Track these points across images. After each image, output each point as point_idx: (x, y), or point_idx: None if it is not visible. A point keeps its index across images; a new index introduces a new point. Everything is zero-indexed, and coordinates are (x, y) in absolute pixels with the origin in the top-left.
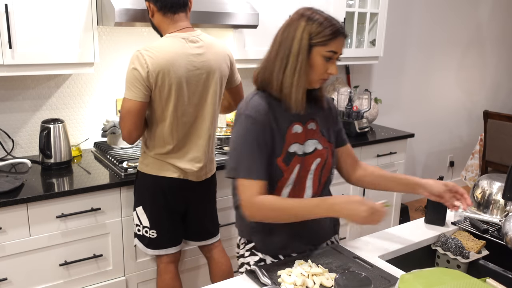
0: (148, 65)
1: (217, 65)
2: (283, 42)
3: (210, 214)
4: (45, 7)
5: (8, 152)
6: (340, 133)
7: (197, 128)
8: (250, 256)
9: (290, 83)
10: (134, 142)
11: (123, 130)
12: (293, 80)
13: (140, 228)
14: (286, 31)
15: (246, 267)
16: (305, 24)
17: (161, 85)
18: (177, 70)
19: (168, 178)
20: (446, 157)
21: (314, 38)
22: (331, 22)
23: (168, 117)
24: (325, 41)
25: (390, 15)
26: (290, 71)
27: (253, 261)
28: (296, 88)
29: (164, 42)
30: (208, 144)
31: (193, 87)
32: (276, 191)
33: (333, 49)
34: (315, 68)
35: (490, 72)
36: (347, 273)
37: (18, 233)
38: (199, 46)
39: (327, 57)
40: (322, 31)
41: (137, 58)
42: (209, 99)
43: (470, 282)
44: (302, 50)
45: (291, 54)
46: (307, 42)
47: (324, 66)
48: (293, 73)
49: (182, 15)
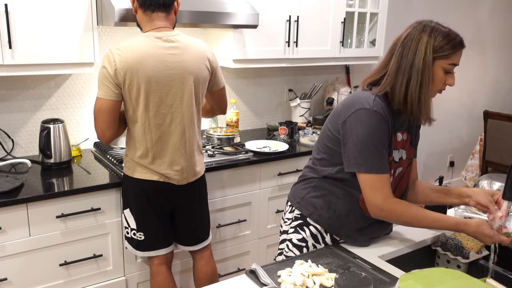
0: (116, 63)
1: (193, 66)
2: (404, 54)
3: (199, 217)
4: (45, 7)
5: (8, 152)
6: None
7: (172, 130)
8: (294, 233)
9: (417, 98)
10: (109, 141)
11: (96, 130)
12: (420, 96)
13: (129, 231)
14: (407, 43)
15: (287, 243)
16: (427, 38)
17: (129, 84)
18: (146, 69)
19: (150, 181)
20: (446, 157)
21: (437, 52)
22: (453, 34)
23: (139, 117)
24: (448, 55)
25: (390, 15)
26: (415, 87)
27: (295, 239)
28: (425, 104)
29: (136, 41)
30: (185, 147)
31: (166, 87)
32: None
33: (455, 62)
34: (436, 81)
35: (490, 72)
36: (347, 273)
37: (18, 233)
38: (174, 46)
39: (447, 70)
40: (445, 45)
41: (107, 57)
42: (185, 101)
43: (470, 282)
44: (428, 65)
45: (415, 69)
46: (431, 57)
47: (443, 78)
48: (420, 89)
49: (161, 15)
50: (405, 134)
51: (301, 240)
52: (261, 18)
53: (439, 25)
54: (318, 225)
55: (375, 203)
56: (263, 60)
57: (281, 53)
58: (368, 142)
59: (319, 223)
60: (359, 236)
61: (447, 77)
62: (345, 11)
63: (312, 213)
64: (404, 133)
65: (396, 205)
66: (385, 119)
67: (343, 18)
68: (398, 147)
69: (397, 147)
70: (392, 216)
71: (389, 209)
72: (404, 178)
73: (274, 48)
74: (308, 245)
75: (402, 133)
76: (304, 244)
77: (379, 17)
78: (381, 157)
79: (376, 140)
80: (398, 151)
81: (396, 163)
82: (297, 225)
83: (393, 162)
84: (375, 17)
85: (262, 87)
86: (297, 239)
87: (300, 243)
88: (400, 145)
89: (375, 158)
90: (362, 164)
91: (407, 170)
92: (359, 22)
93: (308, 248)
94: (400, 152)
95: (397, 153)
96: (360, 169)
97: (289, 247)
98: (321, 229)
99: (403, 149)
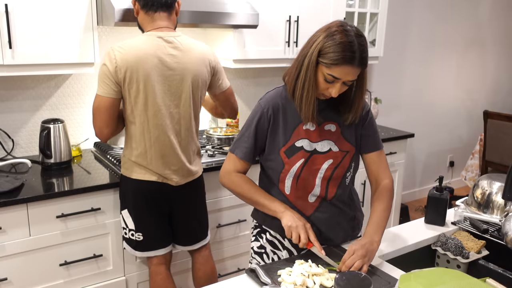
0: (117, 60)
1: (194, 69)
2: (303, 49)
3: (197, 217)
4: (45, 7)
5: (8, 152)
6: (365, 138)
7: (170, 130)
8: (254, 242)
9: (300, 95)
10: (107, 139)
11: (94, 127)
12: (303, 93)
13: (127, 231)
14: (310, 38)
15: (251, 252)
16: (321, 39)
17: (129, 82)
18: (146, 68)
19: (147, 181)
20: (446, 157)
21: (321, 57)
22: (346, 47)
23: (138, 116)
24: (328, 64)
25: (390, 15)
26: (300, 84)
27: (256, 247)
28: (306, 102)
29: (137, 40)
30: (183, 147)
31: (166, 87)
32: (280, 181)
33: (335, 74)
34: (318, 84)
35: (490, 72)
36: (347, 273)
37: (18, 233)
38: (175, 47)
39: (327, 79)
40: (329, 53)
41: (107, 54)
42: (183, 102)
43: (470, 282)
44: (311, 66)
45: (303, 67)
46: (315, 59)
47: (325, 85)
48: (302, 87)
49: (163, 15)
50: (330, 125)
51: (260, 247)
52: (261, 18)
53: (344, 32)
54: (272, 230)
55: (221, 170)
56: (263, 60)
57: (281, 53)
58: (242, 129)
59: (272, 228)
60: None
61: (329, 86)
62: (345, 11)
63: (265, 220)
64: (327, 124)
65: (235, 177)
66: (265, 112)
67: (343, 18)
68: (312, 138)
69: (309, 137)
70: (231, 183)
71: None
72: (339, 170)
73: (274, 48)
74: (267, 251)
75: (317, 124)
76: (263, 251)
77: (379, 17)
78: (243, 142)
79: (244, 128)
80: (315, 142)
81: (310, 153)
82: (257, 233)
83: (303, 151)
84: (375, 17)
85: (262, 87)
86: (256, 246)
87: (260, 250)
88: (316, 135)
89: (242, 141)
90: (234, 144)
91: (346, 163)
92: (359, 22)
93: (267, 255)
94: (320, 144)
95: (311, 143)
96: (230, 148)
97: (252, 255)
98: (275, 234)
99: (330, 140)
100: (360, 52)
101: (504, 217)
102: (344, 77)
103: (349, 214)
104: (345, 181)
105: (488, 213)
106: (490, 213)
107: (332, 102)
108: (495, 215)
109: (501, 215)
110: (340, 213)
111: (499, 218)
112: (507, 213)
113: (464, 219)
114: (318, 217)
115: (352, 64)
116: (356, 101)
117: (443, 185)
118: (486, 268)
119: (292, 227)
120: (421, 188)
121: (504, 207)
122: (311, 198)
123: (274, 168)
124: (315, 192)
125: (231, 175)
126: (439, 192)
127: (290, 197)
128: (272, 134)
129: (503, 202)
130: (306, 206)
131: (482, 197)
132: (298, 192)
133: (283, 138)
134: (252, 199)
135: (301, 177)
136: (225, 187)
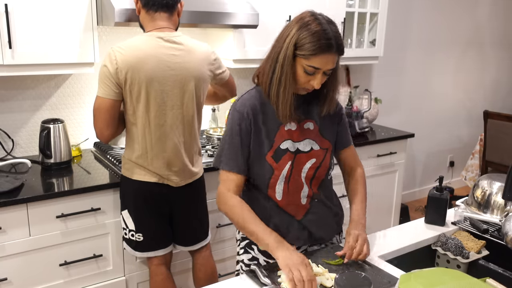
0: (118, 62)
1: (196, 70)
2: (275, 46)
3: (197, 218)
4: (45, 7)
5: (8, 152)
6: (340, 135)
7: (172, 131)
8: (244, 254)
9: (276, 92)
10: (107, 140)
11: (95, 128)
12: (279, 90)
13: (127, 232)
14: (280, 34)
15: (241, 265)
16: (295, 32)
17: (131, 83)
18: (148, 68)
19: (148, 182)
20: (446, 157)
21: (298, 50)
22: (322, 36)
23: (139, 117)
24: (307, 55)
25: (390, 15)
26: (276, 81)
27: (246, 259)
28: (283, 99)
29: (138, 40)
30: (184, 148)
31: (168, 88)
32: (270, 188)
33: (315, 65)
34: (298, 78)
35: (490, 72)
36: (347, 273)
37: (18, 233)
38: (176, 47)
39: (308, 71)
40: (306, 43)
41: (108, 55)
42: (186, 102)
43: (470, 282)
44: (287, 61)
45: (278, 63)
46: (292, 53)
47: (306, 78)
48: (279, 84)
49: (164, 15)
50: (308, 123)
51: (252, 259)
52: (261, 18)
53: (316, 21)
54: None
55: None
56: None
57: None
58: (224, 141)
59: None
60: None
61: (310, 78)
62: (345, 11)
63: None
64: (306, 122)
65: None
66: (246, 116)
67: (343, 18)
68: (294, 138)
69: (291, 137)
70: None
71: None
72: (322, 168)
73: None
74: (259, 262)
75: (297, 122)
76: (256, 262)
77: (379, 17)
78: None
79: (226, 138)
80: (297, 142)
81: (294, 154)
82: (245, 245)
83: (289, 152)
84: (375, 17)
85: None
86: (247, 259)
87: (251, 262)
88: (298, 135)
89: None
90: (219, 159)
91: (328, 161)
92: (359, 22)
93: (260, 265)
94: (302, 143)
95: (294, 144)
96: (216, 163)
97: (242, 268)
98: None
99: (310, 139)
100: (336, 39)
101: (504, 217)
102: (324, 66)
103: (333, 210)
104: (328, 177)
105: (488, 213)
106: (490, 213)
107: (307, 96)
108: (495, 215)
109: (501, 215)
110: (327, 210)
111: (499, 218)
112: (507, 213)
113: (464, 219)
114: (309, 219)
115: (330, 51)
116: (331, 91)
117: (443, 185)
118: (486, 268)
119: (290, 265)
120: (421, 188)
121: (504, 207)
122: (303, 200)
123: (262, 175)
124: (304, 191)
125: (227, 197)
126: (439, 192)
127: (281, 203)
128: (255, 139)
129: (503, 202)
130: (298, 210)
131: (482, 197)
132: (290, 197)
133: (267, 142)
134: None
135: (291, 180)
136: (222, 212)
